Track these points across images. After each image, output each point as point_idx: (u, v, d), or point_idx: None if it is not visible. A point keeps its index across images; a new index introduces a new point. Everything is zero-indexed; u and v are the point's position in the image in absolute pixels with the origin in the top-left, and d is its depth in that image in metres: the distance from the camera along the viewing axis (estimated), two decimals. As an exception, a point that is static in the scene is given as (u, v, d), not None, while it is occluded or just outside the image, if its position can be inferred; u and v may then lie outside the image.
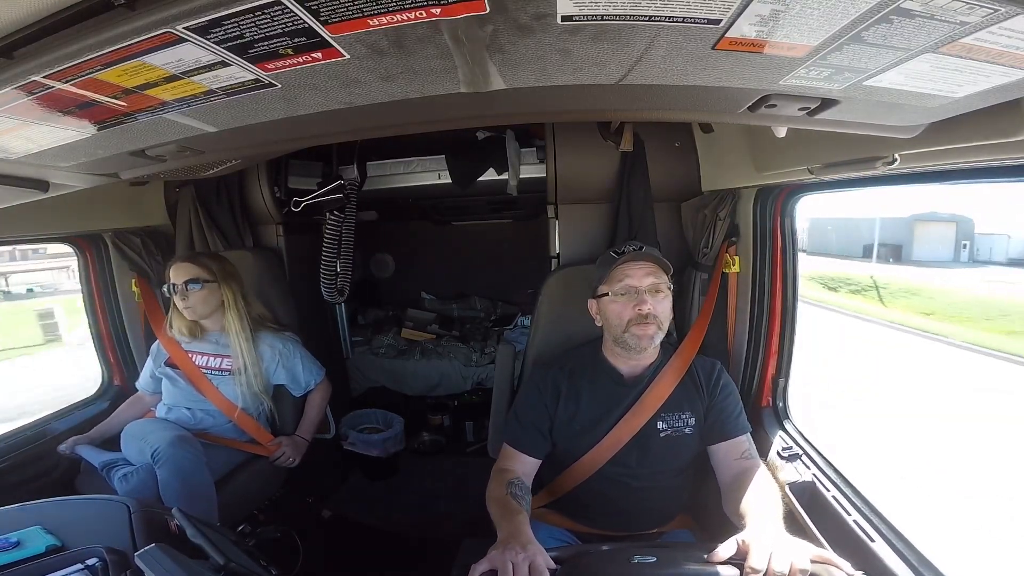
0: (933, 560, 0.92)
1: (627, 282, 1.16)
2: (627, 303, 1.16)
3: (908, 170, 0.89)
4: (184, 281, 1.63)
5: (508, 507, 1.04)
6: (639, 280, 1.16)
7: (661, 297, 1.16)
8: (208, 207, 1.98)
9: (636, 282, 1.16)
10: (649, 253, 1.19)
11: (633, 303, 1.15)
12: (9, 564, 0.81)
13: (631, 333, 1.16)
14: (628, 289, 1.16)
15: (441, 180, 2.20)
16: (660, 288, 1.16)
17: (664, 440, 1.21)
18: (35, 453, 1.61)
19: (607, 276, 1.20)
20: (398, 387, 2.82)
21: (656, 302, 1.15)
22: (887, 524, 1.02)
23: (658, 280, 1.16)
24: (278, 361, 1.75)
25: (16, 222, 1.48)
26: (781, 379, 1.46)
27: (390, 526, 2.22)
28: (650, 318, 1.14)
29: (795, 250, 1.42)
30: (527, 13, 0.44)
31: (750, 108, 0.66)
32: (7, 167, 0.79)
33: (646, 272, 1.16)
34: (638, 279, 1.16)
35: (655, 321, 1.15)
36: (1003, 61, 0.49)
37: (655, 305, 1.15)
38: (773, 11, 0.43)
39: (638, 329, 1.15)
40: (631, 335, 1.16)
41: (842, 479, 1.18)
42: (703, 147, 1.61)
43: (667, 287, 1.17)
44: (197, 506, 1.36)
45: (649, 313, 1.14)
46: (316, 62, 0.50)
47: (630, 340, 1.17)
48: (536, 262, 2.39)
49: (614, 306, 1.18)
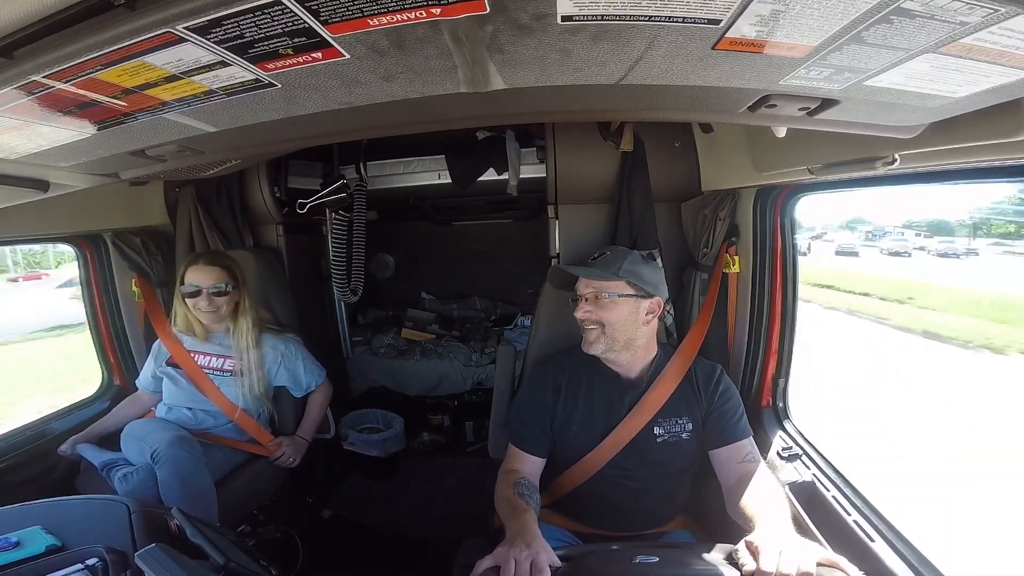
0: (933, 560, 0.92)
1: (576, 290, 1.27)
2: (578, 307, 1.25)
3: (908, 170, 0.89)
4: (209, 285, 1.61)
5: (516, 506, 1.06)
6: (581, 288, 1.25)
7: (604, 302, 1.20)
8: (208, 207, 1.98)
9: (580, 289, 1.26)
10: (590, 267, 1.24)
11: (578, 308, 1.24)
12: (9, 564, 0.81)
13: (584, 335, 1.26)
14: (577, 296, 1.26)
15: (441, 180, 2.20)
16: (599, 295, 1.21)
17: (661, 445, 1.21)
18: (35, 453, 1.61)
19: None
20: (398, 387, 2.82)
21: (597, 308, 1.20)
22: (887, 524, 1.02)
23: (598, 287, 1.21)
24: (280, 363, 1.75)
25: (16, 222, 1.48)
26: (781, 379, 1.46)
27: (390, 526, 2.21)
28: (587, 323, 1.22)
29: (795, 250, 1.42)
30: (527, 13, 0.44)
31: (750, 108, 0.66)
32: (7, 167, 0.79)
33: (586, 280, 1.25)
34: (581, 287, 1.26)
35: (596, 326, 1.21)
36: (1003, 61, 0.49)
37: (595, 311, 1.21)
38: (773, 11, 0.43)
39: (584, 333, 1.25)
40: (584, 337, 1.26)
41: (842, 479, 1.18)
42: (703, 147, 1.61)
43: (616, 294, 1.20)
44: (197, 506, 1.36)
45: (585, 319, 1.22)
46: (316, 62, 0.50)
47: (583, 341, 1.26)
48: (536, 262, 2.39)
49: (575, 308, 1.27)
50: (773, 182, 1.31)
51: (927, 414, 4.47)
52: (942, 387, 4.97)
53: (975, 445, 3.87)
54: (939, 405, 4.64)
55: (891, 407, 4.68)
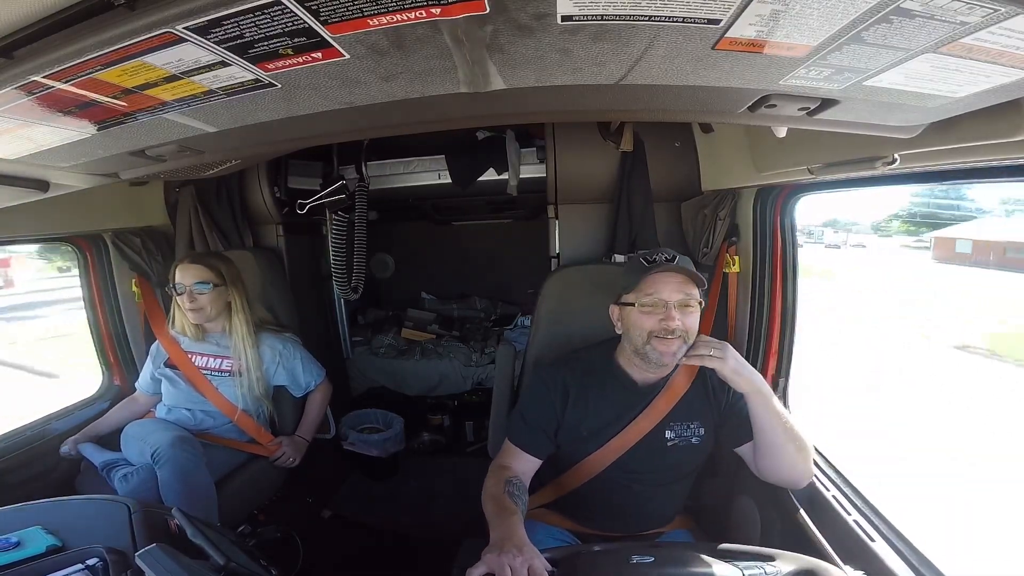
0: (933, 560, 0.92)
1: (657, 295, 1.09)
2: (653, 315, 1.09)
3: (908, 170, 0.89)
4: (192, 283, 1.62)
5: (504, 506, 1.02)
6: (669, 294, 1.08)
7: (690, 311, 1.09)
8: (208, 207, 1.98)
9: (667, 296, 1.08)
10: (682, 265, 1.10)
11: (660, 316, 1.08)
12: (9, 564, 0.81)
13: (652, 347, 1.09)
14: (657, 302, 1.09)
15: (441, 180, 2.20)
16: (690, 303, 1.09)
17: (671, 448, 1.19)
18: (35, 453, 1.61)
19: (635, 285, 1.11)
20: (398, 387, 2.82)
21: (684, 316, 1.08)
22: (887, 524, 1.02)
23: (689, 295, 1.09)
24: (278, 362, 1.74)
25: (16, 222, 1.48)
26: (781, 379, 1.46)
27: (390, 526, 2.21)
28: (676, 333, 1.07)
29: (795, 250, 1.42)
30: (527, 13, 0.44)
31: (750, 108, 0.66)
32: (7, 167, 0.79)
33: (677, 285, 1.08)
34: (668, 292, 1.08)
35: (682, 335, 1.08)
36: (1003, 61, 0.49)
37: (684, 320, 1.07)
38: (773, 11, 0.43)
39: (661, 344, 1.08)
40: (652, 349, 1.10)
41: (842, 479, 1.18)
42: (703, 147, 1.61)
43: (697, 301, 1.09)
44: (197, 506, 1.36)
45: (676, 328, 1.07)
46: (316, 62, 0.50)
47: (651, 354, 1.10)
48: (536, 262, 2.39)
49: (639, 317, 1.11)
50: (773, 182, 1.31)
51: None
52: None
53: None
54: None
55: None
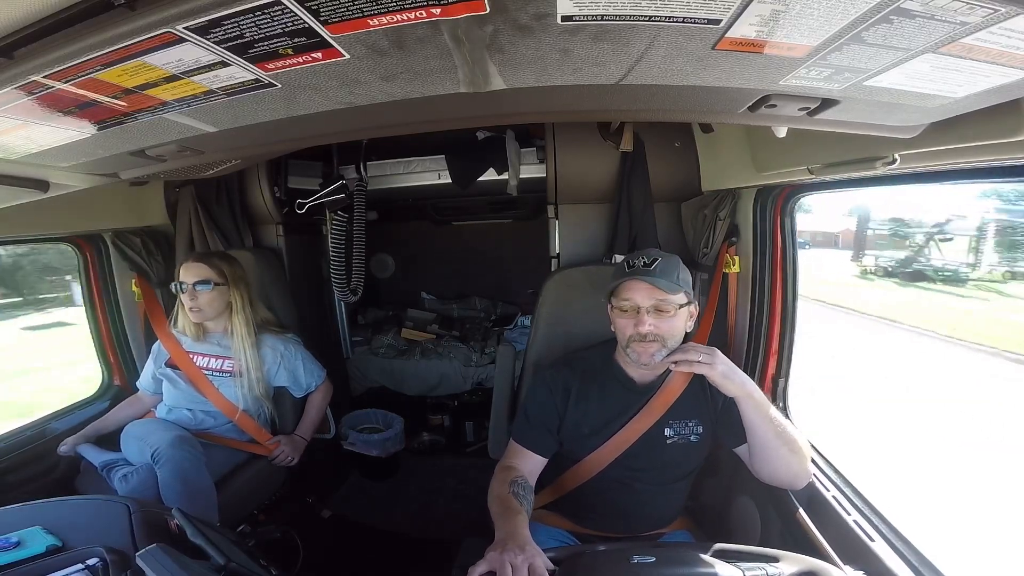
0: (933, 560, 0.92)
1: (631, 301, 1.14)
2: (629, 320, 1.14)
3: (908, 170, 0.89)
4: (194, 281, 1.62)
5: (509, 506, 1.03)
6: (642, 299, 1.12)
7: (666, 316, 1.12)
8: (208, 207, 1.98)
9: (639, 301, 1.12)
10: (661, 269, 1.12)
11: (634, 321, 1.13)
12: (9, 564, 0.81)
13: (632, 348, 1.15)
14: (630, 307, 1.14)
15: (441, 180, 2.20)
16: (664, 308, 1.12)
17: (671, 447, 1.20)
18: (35, 453, 1.61)
19: (614, 288, 1.17)
20: (398, 387, 2.82)
21: (660, 321, 1.12)
22: (887, 524, 1.02)
23: (662, 300, 1.12)
24: (279, 363, 1.75)
25: (16, 222, 1.48)
26: (781, 379, 1.46)
27: (390, 526, 2.21)
28: (649, 337, 1.12)
29: (795, 250, 1.42)
30: (527, 13, 0.44)
31: (750, 108, 0.66)
32: (7, 167, 0.79)
33: (649, 291, 1.12)
34: (641, 298, 1.12)
35: (657, 340, 1.12)
36: (1003, 61, 0.49)
37: (658, 324, 1.12)
38: (773, 11, 0.43)
39: (638, 346, 1.14)
40: (632, 350, 1.15)
41: (842, 479, 1.18)
42: (703, 147, 1.61)
43: (675, 306, 1.12)
44: (197, 506, 1.36)
45: (648, 333, 1.12)
46: (316, 62, 0.50)
47: (631, 355, 1.16)
48: (536, 262, 2.39)
49: (618, 320, 1.17)
50: (773, 182, 1.31)
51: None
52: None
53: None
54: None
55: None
